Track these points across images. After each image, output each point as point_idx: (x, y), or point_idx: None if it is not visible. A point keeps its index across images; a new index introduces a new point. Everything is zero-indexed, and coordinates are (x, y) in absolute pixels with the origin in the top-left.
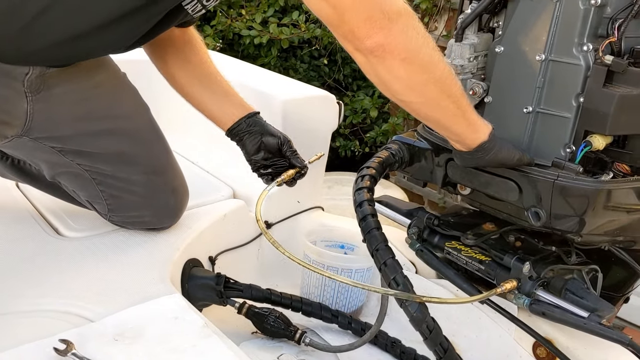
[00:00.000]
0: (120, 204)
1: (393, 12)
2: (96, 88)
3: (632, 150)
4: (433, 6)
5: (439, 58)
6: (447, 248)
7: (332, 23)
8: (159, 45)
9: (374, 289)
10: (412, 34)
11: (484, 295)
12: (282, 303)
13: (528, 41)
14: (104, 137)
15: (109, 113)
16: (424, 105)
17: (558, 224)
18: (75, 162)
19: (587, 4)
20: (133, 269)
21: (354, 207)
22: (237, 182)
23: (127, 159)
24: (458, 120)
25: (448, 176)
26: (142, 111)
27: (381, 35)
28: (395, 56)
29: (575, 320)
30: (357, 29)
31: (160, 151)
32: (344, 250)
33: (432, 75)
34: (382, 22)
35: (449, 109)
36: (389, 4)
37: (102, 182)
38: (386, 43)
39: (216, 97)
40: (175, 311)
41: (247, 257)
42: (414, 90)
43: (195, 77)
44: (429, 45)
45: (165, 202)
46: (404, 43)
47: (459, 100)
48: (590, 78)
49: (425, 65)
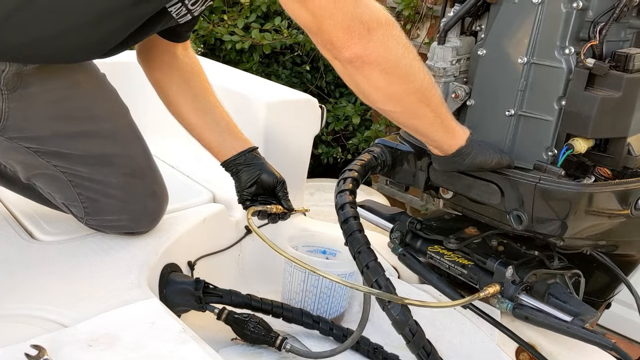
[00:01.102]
0: (97, 207)
1: (373, 22)
2: (74, 88)
3: (613, 153)
4: (415, 13)
5: (419, 68)
6: (429, 252)
7: (311, 30)
8: (163, 74)
9: (356, 286)
10: (391, 44)
11: (467, 300)
12: (263, 309)
13: (510, 44)
14: (82, 138)
15: (87, 114)
16: (403, 114)
17: (540, 228)
18: (51, 164)
19: (569, 7)
20: (109, 274)
21: (335, 209)
22: (217, 186)
23: (105, 161)
24: (436, 128)
25: (430, 180)
26: (121, 113)
27: (360, 46)
28: (374, 67)
29: (558, 324)
30: (335, 39)
31: (139, 154)
32: (326, 255)
33: (411, 85)
34: (361, 32)
35: (428, 118)
36: (368, 14)
37: (79, 184)
38: (365, 54)
39: (218, 129)
40: (152, 316)
41: (227, 263)
42: (392, 100)
43: (197, 108)
44: (409, 56)
45: (144, 206)
46: (383, 54)
47: (437, 108)
48: (572, 81)
49: (405, 76)
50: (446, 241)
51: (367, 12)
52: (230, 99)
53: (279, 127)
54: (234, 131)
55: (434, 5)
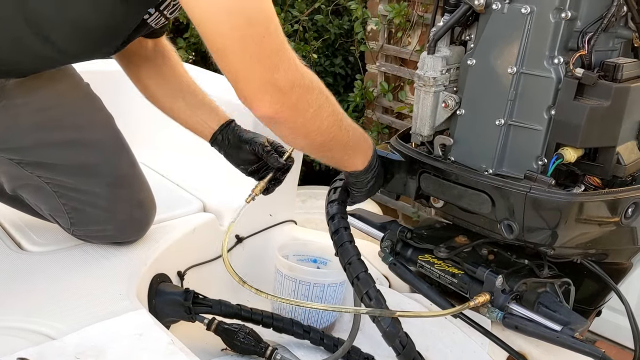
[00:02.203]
0: (82, 217)
1: (287, 85)
2: (57, 98)
3: (602, 162)
4: (406, 21)
5: (329, 124)
6: (420, 261)
7: (230, 83)
8: (132, 59)
9: (344, 309)
10: (303, 106)
11: (457, 309)
12: (253, 319)
13: (499, 54)
14: (65, 147)
15: (71, 123)
16: (309, 151)
17: (530, 237)
18: (35, 175)
19: (557, 17)
20: (98, 285)
21: (326, 219)
22: (207, 195)
23: (89, 171)
24: (342, 162)
25: (421, 188)
26: (105, 121)
27: (271, 110)
28: (284, 126)
29: (548, 333)
30: (249, 97)
31: (124, 163)
32: (317, 264)
33: (317, 140)
34: (274, 96)
35: (335, 157)
36: (282, 76)
37: (64, 195)
38: (276, 117)
39: (191, 110)
40: (140, 328)
41: (217, 272)
42: (298, 146)
43: (169, 90)
44: (321, 115)
45: (130, 215)
46: (292, 116)
47: (344, 148)
48: (562, 91)
49: (312, 135)
50: (436, 250)
51: (282, 74)
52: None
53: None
54: (207, 109)
55: (424, 14)
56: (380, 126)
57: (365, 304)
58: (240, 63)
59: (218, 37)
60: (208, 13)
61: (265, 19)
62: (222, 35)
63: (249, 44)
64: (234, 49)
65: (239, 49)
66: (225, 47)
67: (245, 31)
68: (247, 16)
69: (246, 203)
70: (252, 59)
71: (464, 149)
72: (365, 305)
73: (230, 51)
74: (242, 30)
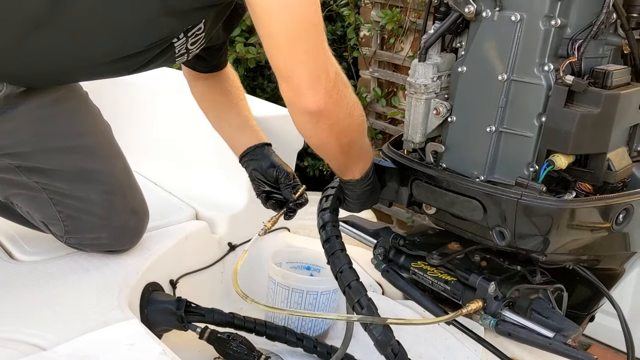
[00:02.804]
0: (77, 225)
1: (333, 79)
2: (57, 104)
3: (594, 169)
4: (399, 27)
5: (358, 124)
6: (413, 268)
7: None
8: (195, 88)
9: (336, 317)
10: (343, 102)
11: (450, 317)
12: (246, 327)
13: (490, 61)
14: (63, 153)
15: (69, 130)
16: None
17: (522, 244)
18: (32, 180)
19: (547, 24)
20: (89, 294)
21: (317, 228)
22: (200, 203)
23: (85, 177)
24: (345, 167)
25: (413, 196)
26: (102, 129)
27: (321, 102)
28: (325, 123)
29: (541, 340)
30: (300, 90)
31: (120, 170)
32: (310, 271)
33: (344, 140)
34: (325, 88)
35: (342, 161)
36: (331, 70)
37: (60, 202)
38: (324, 109)
39: (233, 126)
40: (132, 338)
41: (210, 280)
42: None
43: (219, 104)
44: (354, 113)
45: (125, 223)
46: (336, 112)
47: (358, 152)
48: (552, 98)
49: (344, 132)
50: (429, 257)
51: (332, 72)
52: None
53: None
54: (249, 129)
55: (417, 20)
56: (374, 132)
57: (357, 312)
58: (296, 56)
59: (278, 30)
60: (271, 6)
61: (319, 15)
62: (282, 28)
63: (306, 38)
64: (292, 42)
65: (297, 42)
66: (282, 41)
67: (303, 26)
68: (306, 12)
69: (259, 235)
70: (308, 53)
71: (456, 156)
72: (356, 314)
73: (287, 44)
74: (301, 25)
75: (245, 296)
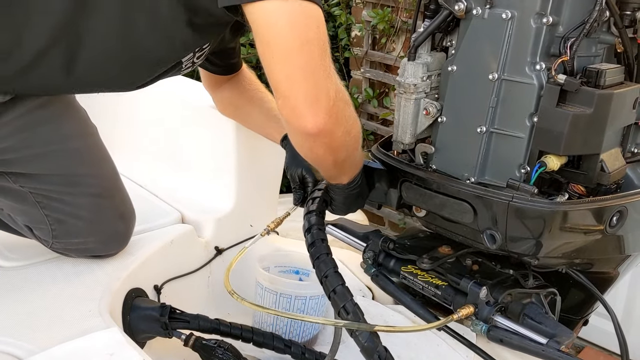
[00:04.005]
0: (65, 229)
1: (333, 97)
2: (43, 109)
3: (586, 170)
4: (390, 27)
5: (355, 140)
6: (403, 272)
7: (279, 96)
8: (217, 92)
9: (323, 321)
10: (342, 120)
11: (440, 323)
12: (232, 334)
13: (480, 60)
14: (51, 158)
15: (56, 134)
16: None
17: (514, 247)
18: (18, 184)
19: (538, 22)
20: (69, 301)
21: (303, 231)
22: (186, 206)
23: (73, 181)
24: (334, 175)
25: (403, 198)
26: (89, 132)
27: (320, 122)
28: (323, 141)
29: (534, 347)
30: (299, 109)
31: (108, 174)
32: (299, 275)
33: (341, 155)
34: (325, 107)
35: (333, 171)
36: (331, 88)
37: (47, 205)
38: (323, 129)
39: (260, 122)
40: (111, 347)
41: (196, 285)
42: (323, 163)
43: (241, 106)
44: (352, 131)
45: (113, 228)
46: (334, 130)
47: (350, 164)
48: (544, 97)
49: (341, 149)
50: (419, 261)
51: (332, 90)
52: (201, 116)
53: (250, 143)
54: (274, 117)
55: (408, 19)
56: (366, 133)
57: (343, 318)
58: (293, 73)
59: (276, 44)
60: (273, 20)
61: (321, 32)
62: (281, 43)
63: (305, 54)
64: (290, 58)
65: (295, 58)
66: (281, 56)
67: (303, 41)
68: (310, 27)
69: (261, 236)
70: (306, 70)
71: (446, 157)
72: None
73: (285, 60)
74: (300, 40)
75: (233, 292)
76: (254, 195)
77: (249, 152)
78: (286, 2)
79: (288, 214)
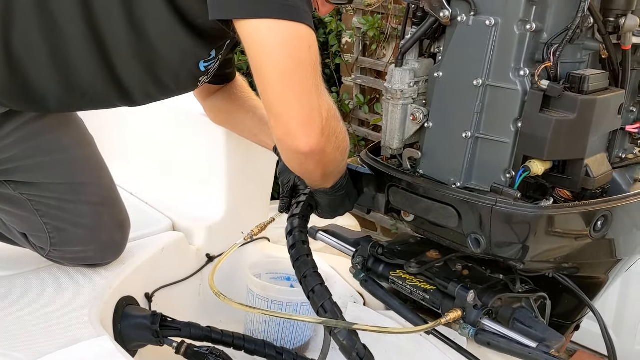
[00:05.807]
0: (64, 237)
1: (325, 116)
2: (41, 119)
3: (571, 175)
4: (380, 34)
5: (343, 154)
6: (392, 277)
7: (274, 118)
8: (207, 100)
9: (312, 319)
10: (333, 137)
11: (428, 327)
12: (224, 341)
13: (465, 66)
14: (51, 167)
15: (56, 144)
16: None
17: (499, 251)
18: (17, 192)
19: (522, 29)
20: (60, 310)
21: (285, 233)
22: (177, 214)
23: (74, 189)
24: (318, 181)
25: (390, 202)
26: (88, 141)
27: (313, 141)
28: (314, 159)
29: (522, 350)
30: (294, 129)
31: (107, 183)
32: (291, 282)
33: (330, 168)
34: (318, 127)
35: (319, 178)
36: (324, 107)
37: (47, 213)
38: (316, 148)
39: (254, 129)
40: (102, 356)
41: (187, 293)
42: (313, 177)
43: (233, 113)
44: (342, 145)
45: (112, 236)
46: (325, 148)
47: (337, 173)
48: (527, 103)
49: (331, 164)
50: (407, 265)
51: (325, 108)
52: (192, 123)
53: (241, 150)
54: (265, 125)
55: (398, 26)
56: (357, 139)
57: (321, 316)
58: (286, 93)
59: (268, 63)
60: (264, 40)
61: (312, 52)
62: (273, 62)
63: (297, 73)
64: (282, 77)
65: (287, 77)
66: (273, 75)
67: (295, 61)
68: (302, 48)
69: (244, 240)
70: (298, 90)
71: (432, 162)
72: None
73: (277, 79)
74: (292, 60)
75: (219, 294)
76: (245, 202)
77: (240, 159)
78: (278, 22)
79: (273, 220)
